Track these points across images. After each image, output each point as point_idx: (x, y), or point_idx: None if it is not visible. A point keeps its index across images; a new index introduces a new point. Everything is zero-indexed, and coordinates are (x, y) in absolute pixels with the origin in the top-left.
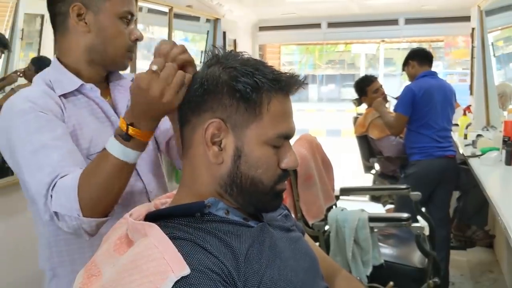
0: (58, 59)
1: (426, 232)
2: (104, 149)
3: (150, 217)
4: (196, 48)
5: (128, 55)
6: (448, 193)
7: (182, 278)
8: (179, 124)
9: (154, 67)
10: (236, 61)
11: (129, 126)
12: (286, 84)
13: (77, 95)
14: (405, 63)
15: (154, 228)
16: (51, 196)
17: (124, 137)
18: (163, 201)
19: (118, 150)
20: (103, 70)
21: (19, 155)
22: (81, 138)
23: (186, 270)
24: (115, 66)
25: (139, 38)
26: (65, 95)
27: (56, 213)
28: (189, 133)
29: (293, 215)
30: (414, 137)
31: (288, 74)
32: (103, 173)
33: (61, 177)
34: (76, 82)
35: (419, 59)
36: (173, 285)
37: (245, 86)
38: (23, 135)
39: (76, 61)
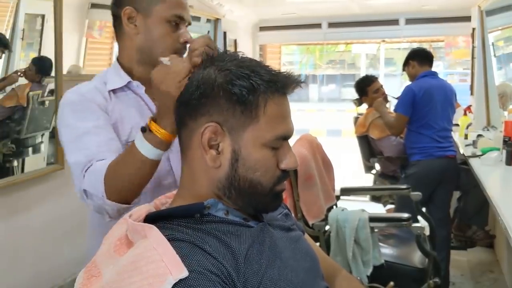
0: (117, 59)
1: (427, 232)
2: (133, 142)
3: (150, 218)
4: None
5: None
6: (448, 193)
7: (181, 280)
8: (176, 126)
9: (165, 60)
10: (232, 63)
11: (152, 121)
12: (283, 85)
13: (126, 91)
14: (405, 63)
15: (153, 230)
16: (84, 176)
17: (144, 130)
18: (163, 201)
19: (141, 144)
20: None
21: (65, 139)
22: (121, 130)
23: (184, 273)
24: None
25: (188, 41)
26: (114, 91)
27: (85, 191)
28: (187, 136)
29: (293, 215)
30: (414, 137)
31: (285, 74)
32: (127, 164)
33: (97, 161)
34: (125, 79)
35: (419, 59)
36: (172, 287)
37: (241, 89)
38: (70, 122)
39: (129, 60)
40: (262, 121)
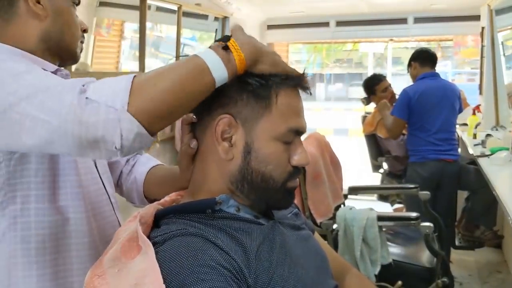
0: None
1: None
2: (196, 56)
3: (161, 214)
4: (204, 47)
5: (80, 46)
6: (448, 198)
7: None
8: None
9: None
10: None
11: (230, 40)
12: (295, 79)
13: None
14: (409, 64)
15: (150, 250)
16: (87, 86)
17: (222, 45)
18: (174, 198)
19: (217, 64)
20: (56, 62)
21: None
22: None
23: None
24: (69, 57)
25: (87, 30)
26: None
27: (87, 98)
28: (201, 130)
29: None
30: (411, 139)
31: (298, 72)
32: (176, 74)
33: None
34: (51, 67)
35: (420, 60)
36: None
37: (255, 80)
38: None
39: (30, 50)
40: (275, 112)
